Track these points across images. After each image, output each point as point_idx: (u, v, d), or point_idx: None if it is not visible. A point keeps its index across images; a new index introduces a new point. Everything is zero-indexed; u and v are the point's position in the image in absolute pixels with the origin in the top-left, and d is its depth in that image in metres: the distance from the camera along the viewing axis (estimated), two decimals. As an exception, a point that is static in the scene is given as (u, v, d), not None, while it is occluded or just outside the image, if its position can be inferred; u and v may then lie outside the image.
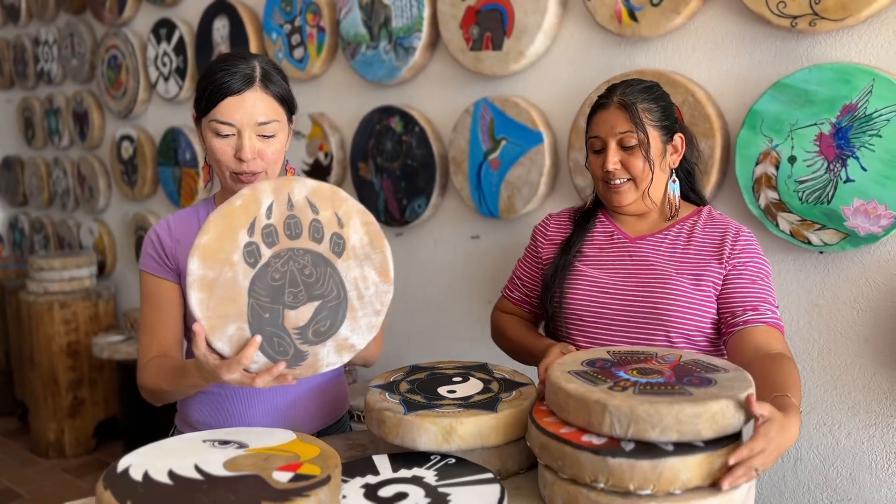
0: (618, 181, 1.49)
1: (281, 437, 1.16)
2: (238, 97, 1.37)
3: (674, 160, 1.53)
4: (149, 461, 1.08)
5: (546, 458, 1.10)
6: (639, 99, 1.49)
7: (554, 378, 1.15)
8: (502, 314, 1.70)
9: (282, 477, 1.03)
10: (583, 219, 1.59)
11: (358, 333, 1.24)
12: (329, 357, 1.22)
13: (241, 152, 1.37)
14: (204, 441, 1.15)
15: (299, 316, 1.20)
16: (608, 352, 1.29)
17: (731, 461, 1.01)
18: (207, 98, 1.38)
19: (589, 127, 1.55)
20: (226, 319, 1.17)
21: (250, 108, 1.37)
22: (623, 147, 1.48)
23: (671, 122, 1.51)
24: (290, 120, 1.46)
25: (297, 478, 1.02)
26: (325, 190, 1.23)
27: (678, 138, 1.52)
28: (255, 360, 1.18)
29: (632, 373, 1.18)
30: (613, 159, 1.48)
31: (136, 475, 1.03)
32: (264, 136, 1.40)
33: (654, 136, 1.48)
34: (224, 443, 1.14)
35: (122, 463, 1.08)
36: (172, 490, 1.00)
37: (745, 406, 1.05)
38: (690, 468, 1.01)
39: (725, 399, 1.04)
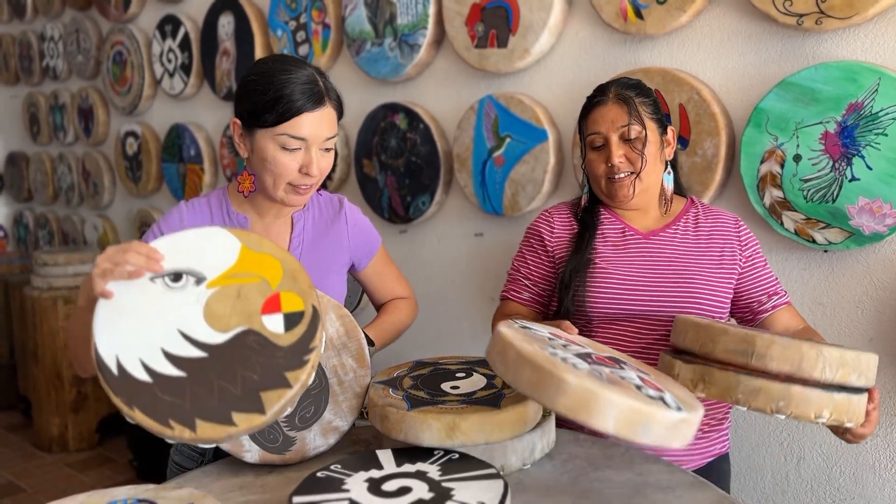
0: (622, 175, 1.50)
1: (225, 249, 1.14)
2: (313, 114, 1.37)
3: (668, 153, 1.56)
4: (129, 345, 1.06)
5: (761, 400, 1.13)
6: (633, 93, 1.52)
7: (739, 330, 1.18)
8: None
9: (274, 325, 1.06)
10: (588, 215, 1.59)
11: (341, 416, 1.34)
12: (316, 440, 1.31)
13: (310, 167, 1.37)
14: (153, 280, 1.12)
15: None
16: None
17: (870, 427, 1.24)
18: (279, 112, 1.35)
19: (585, 125, 1.56)
20: None
21: (322, 125, 1.38)
22: (624, 140, 1.50)
23: (662, 116, 1.55)
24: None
25: (288, 321, 1.07)
26: None
27: (671, 131, 1.56)
28: (248, 449, 1.25)
29: None
30: (619, 153, 1.49)
31: (138, 373, 1.03)
32: (326, 149, 1.41)
33: (652, 128, 1.51)
34: (176, 278, 1.12)
35: (107, 356, 1.05)
36: (188, 382, 1.02)
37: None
38: (864, 406, 1.17)
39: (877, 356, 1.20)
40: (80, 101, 3.92)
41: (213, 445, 1.27)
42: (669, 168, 1.57)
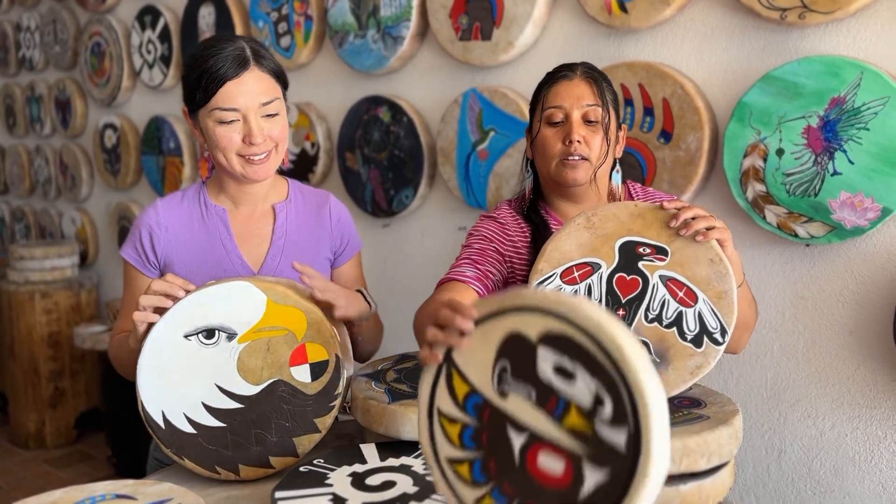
0: (577, 157, 1.41)
1: (252, 303, 1.19)
2: (237, 81, 1.33)
3: (619, 150, 1.51)
4: (172, 400, 1.15)
5: None
6: (601, 78, 1.47)
7: None
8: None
9: (302, 375, 1.16)
10: (536, 215, 1.50)
11: None
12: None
13: (252, 136, 1.35)
14: (188, 338, 1.18)
15: None
16: None
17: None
18: (204, 88, 1.33)
19: (545, 99, 1.46)
20: None
21: (251, 90, 1.35)
22: (586, 122, 1.43)
23: (620, 112, 1.50)
24: (284, 96, 1.44)
25: (314, 370, 1.17)
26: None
27: (624, 129, 1.52)
28: None
29: None
30: (580, 131, 1.41)
31: (183, 425, 1.14)
32: (269, 115, 1.37)
33: (613, 118, 1.46)
34: (209, 335, 1.18)
35: (153, 412, 1.14)
36: (229, 431, 1.13)
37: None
38: (728, 481, 1.11)
39: (738, 413, 1.12)
40: (57, 92, 3.86)
41: None
42: (618, 166, 1.51)
